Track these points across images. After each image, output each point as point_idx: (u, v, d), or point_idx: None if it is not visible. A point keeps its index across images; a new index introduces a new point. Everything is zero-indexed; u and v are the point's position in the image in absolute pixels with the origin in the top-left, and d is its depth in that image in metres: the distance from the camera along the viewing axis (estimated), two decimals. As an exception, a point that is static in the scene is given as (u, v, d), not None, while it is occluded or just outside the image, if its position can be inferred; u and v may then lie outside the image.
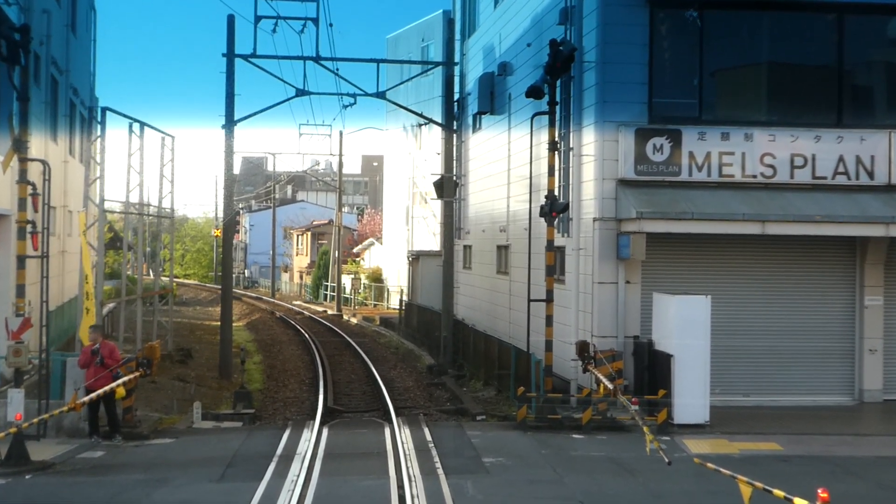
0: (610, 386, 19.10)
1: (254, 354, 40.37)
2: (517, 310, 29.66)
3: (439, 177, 34.11)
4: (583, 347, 20.60)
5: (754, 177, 22.49)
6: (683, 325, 20.21)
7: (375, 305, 65.80)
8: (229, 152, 32.53)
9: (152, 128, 32.69)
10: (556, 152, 21.76)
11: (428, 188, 57.48)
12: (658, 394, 19.90)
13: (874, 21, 23.43)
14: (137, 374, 19.85)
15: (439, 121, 35.46)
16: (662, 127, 22.34)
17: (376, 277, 68.54)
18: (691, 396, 20.11)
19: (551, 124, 21.48)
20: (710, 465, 12.22)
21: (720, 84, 23.41)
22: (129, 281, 73.42)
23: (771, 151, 22.49)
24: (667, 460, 13.19)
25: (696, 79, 22.94)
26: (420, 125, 39.63)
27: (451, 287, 33.84)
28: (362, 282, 68.81)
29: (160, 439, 19.81)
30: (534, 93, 21.17)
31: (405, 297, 50.37)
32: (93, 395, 18.08)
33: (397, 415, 22.54)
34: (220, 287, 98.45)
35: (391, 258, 65.19)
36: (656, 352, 20.97)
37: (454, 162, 35.01)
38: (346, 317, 59.56)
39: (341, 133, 65.27)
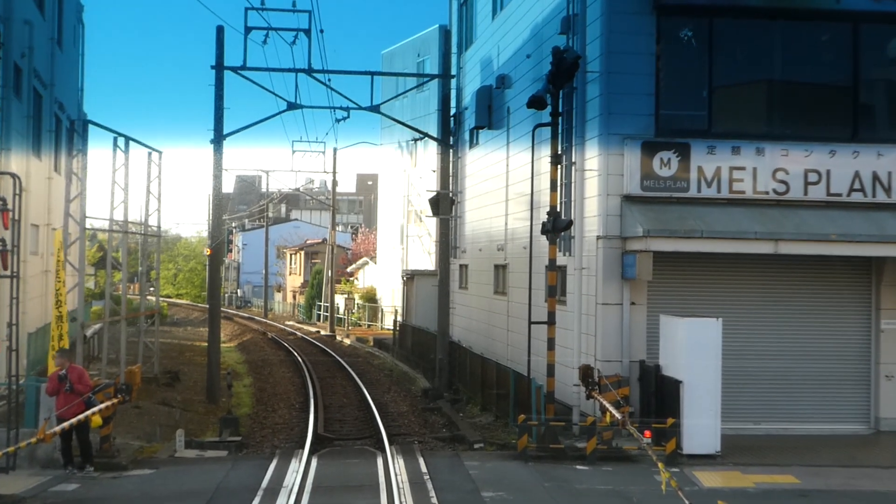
0: (617, 414, 18.00)
1: (244, 376, 39.26)
2: (515, 332, 28.56)
3: (435, 193, 33.04)
4: (586, 372, 19.51)
5: (766, 193, 21.43)
6: (693, 349, 19.10)
7: (369, 326, 64.66)
8: (218, 168, 31.44)
9: (138, 142, 31.61)
10: (559, 167, 20.67)
11: (423, 206, 56.56)
12: (667, 422, 18.77)
13: (891, 31, 22.36)
14: (115, 400, 18.75)
15: (435, 136, 34.35)
16: (670, 140, 21.29)
17: (370, 297, 67.42)
18: (702, 425, 18.99)
19: (554, 137, 20.41)
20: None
21: (730, 96, 22.35)
22: (116, 302, 72.23)
23: (784, 166, 21.44)
24: (687, 503, 12.06)
25: (705, 90, 21.91)
26: (415, 140, 38.56)
27: (446, 308, 32.74)
28: (356, 302, 67.63)
29: (139, 470, 18.63)
30: (535, 103, 20.12)
31: (399, 318, 49.24)
32: (64, 424, 16.92)
33: (391, 443, 21.41)
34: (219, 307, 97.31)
35: (385, 278, 64.10)
36: (664, 377, 19.86)
37: (450, 178, 33.96)
38: (339, 337, 58.40)
39: (335, 150, 64.28)
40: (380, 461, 18.97)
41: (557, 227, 19.61)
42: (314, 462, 19.04)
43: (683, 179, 21.24)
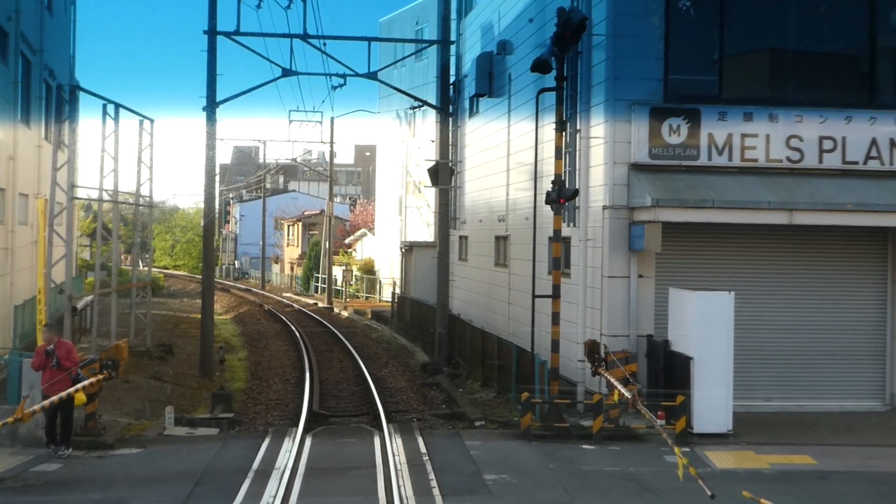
0: (626, 393, 17.16)
1: (239, 350, 38.52)
2: (517, 305, 27.77)
3: (434, 163, 32.15)
4: (593, 348, 18.68)
5: (779, 161, 20.56)
6: (704, 323, 18.28)
7: (367, 298, 63.87)
8: (211, 136, 30.53)
9: (128, 110, 30.74)
10: (563, 134, 19.77)
11: (422, 177, 55.61)
12: (676, 400, 17.97)
13: (911, -9, 21.46)
14: (101, 377, 17.95)
15: (434, 104, 33.42)
16: (679, 106, 20.40)
17: (368, 269, 66.60)
18: (713, 403, 18.21)
19: (559, 102, 19.49)
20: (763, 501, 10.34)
21: (742, 59, 21.39)
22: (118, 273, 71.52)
23: (798, 133, 20.55)
24: (709, 493, 11.25)
25: (715, 53, 20.98)
26: (414, 108, 37.56)
27: (446, 280, 31.91)
28: (354, 274, 66.80)
29: (126, 449, 17.86)
30: (540, 66, 19.19)
31: (398, 290, 48.43)
32: (45, 402, 16.09)
33: (388, 421, 20.62)
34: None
35: (384, 249, 63.27)
36: (673, 353, 19.06)
37: (450, 148, 33.04)
38: (336, 310, 57.62)
39: (332, 120, 63.34)
40: (377, 440, 18.21)
41: (563, 196, 18.72)
42: (308, 441, 18.27)
43: (693, 147, 20.36)
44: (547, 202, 19.31)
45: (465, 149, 35.92)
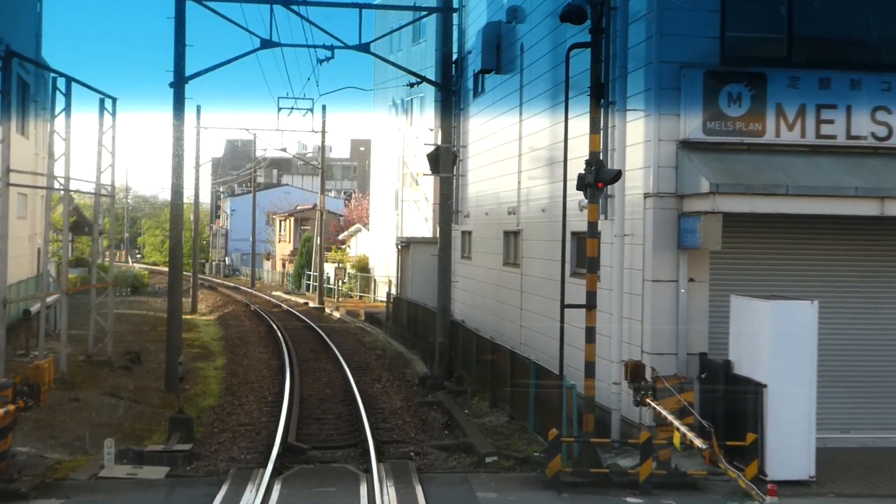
0: (682, 428, 13.40)
1: (217, 356, 34.59)
2: (531, 311, 23.90)
3: (434, 148, 28.19)
4: (637, 371, 14.80)
5: (863, 138, 16.63)
6: (781, 342, 14.41)
7: (361, 297, 59.89)
8: (179, 115, 26.53)
9: (84, 85, 26.79)
10: (601, 102, 15.81)
11: (420, 168, 51.71)
12: (745, 439, 14.08)
13: None
14: (12, 407, 14.12)
15: (434, 80, 29.45)
16: (740, 70, 16.49)
17: (363, 266, 62.56)
18: (792, 442, 14.35)
19: (595, 61, 15.53)
20: None
21: (818, 13, 17.36)
22: (102, 269, 67.54)
23: (886, 104, 16.64)
24: None
25: (784, 6, 17.05)
26: (412, 86, 33.52)
27: (448, 281, 27.94)
28: (347, 271, 62.76)
29: (43, 500, 13.97)
30: (572, 15, 15.19)
31: (394, 291, 44.41)
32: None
33: (380, 458, 16.69)
34: (199, 275, 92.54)
35: (378, 246, 59.28)
36: (737, 377, 15.15)
37: (452, 131, 29.06)
38: (328, 310, 53.69)
39: (324, 108, 59.46)
40: (363, 489, 14.35)
41: (602, 179, 14.77)
42: (277, 489, 14.38)
43: (758, 120, 16.44)
44: (579, 187, 15.34)
45: (469, 133, 32.03)
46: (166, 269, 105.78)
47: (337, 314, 51.10)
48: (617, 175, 14.97)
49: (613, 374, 17.27)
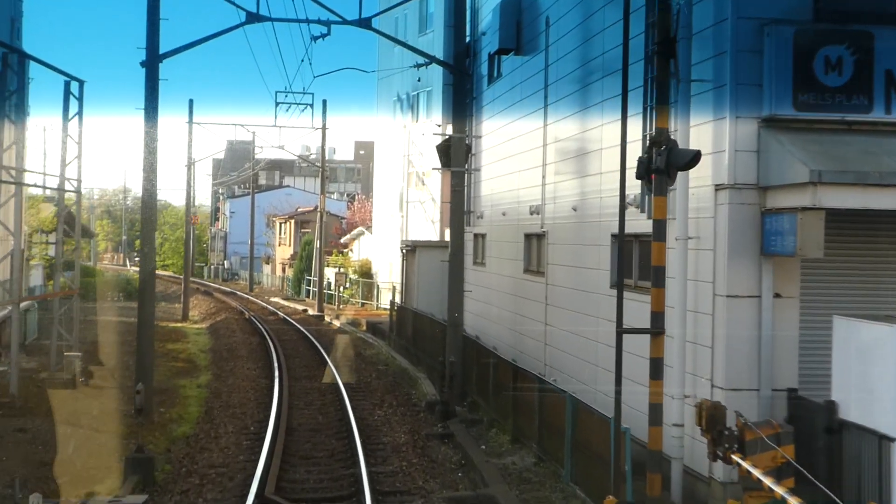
0: (777, 489, 9.87)
1: (202, 372, 31.05)
2: (558, 327, 20.40)
3: (445, 138, 24.59)
4: (715, 415, 11.28)
5: None
6: (913, 381, 10.84)
7: (363, 305, 56.26)
8: (151, 101, 22.97)
9: (42, 63, 23.35)
10: (671, 63, 12.25)
11: (426, 166, 48.13)
12: (865, 510, 10.54)
13: None
14: None
15: (441, 59, 25.89)
16: (840, 28, 12.96)
17: (365, 272, 58.88)
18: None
19: (664, 7, 12.00)
20: None
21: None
22: (90, 273, 63.93)
23: None
24: None
25: (895, -54, 13.54)
26: (417, 87, 29.96)
27: (460, 292, 24.32)
28: (349, 276, 59.06)
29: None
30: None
31: (398, 299, 40.77)
32: None
33: (378, 520, 13.15)
34: (197, 279, 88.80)
35: (382, 250, 55.65)
36: (847, 424, 11.59)
37: (465, 120, 25.47)
38: (327, 318, 50.11)
39: (325, 103, 55.84)
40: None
41: (676, 162, 11.21)
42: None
43: (863, 92, 12.89)
44: (640, 175, 11.81)
45: (483, 125, 28.54)
46: (165, 272, 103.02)
47: (337, 323, 47.53)
48: (695, 157, 11.40)
49: (674, 413, 13.70)
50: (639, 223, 15.63)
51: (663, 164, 11.24)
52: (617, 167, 16.27)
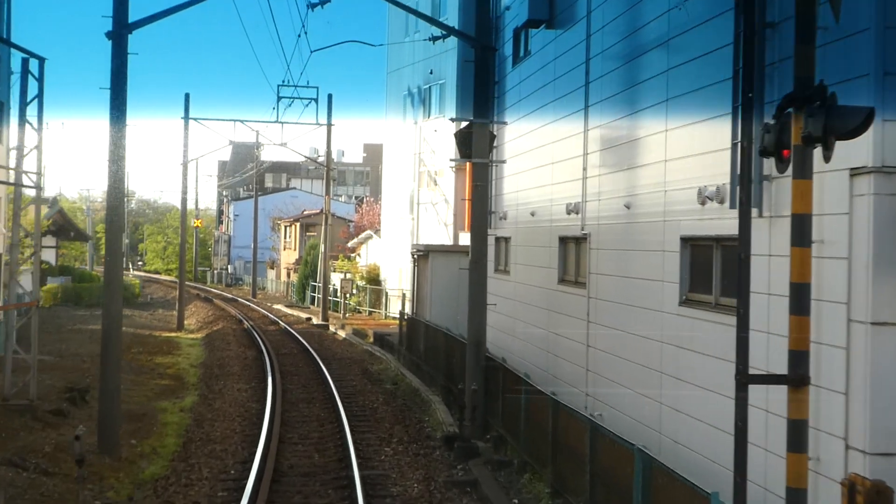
0: None
1: (188, 392, 27.54)
2: (604, 350, 16.74)
3: (466, 124, 20.92)
4: (878, 498, 7.59)
5: None
6: None
7: (371, 313, 52.62)
8: (119, 81, 19.38)
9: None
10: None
11: (438, 165, 44.59)
12: None
13: None
14: None
15: (460, 31, 22.26)
16: None
17: (373, 278, 55.17)
18: None
19: None
20: None
21: None
22: (87, 278, 60.22)
23: None
24: None
25: None
26: (429, 80, 26.49)
27: (483, 305, 20.61)
28: (356, 283, 55.37)
29: None
30: None
31: (408, 310, 37.06)
32: None
33: None
34: (199, 284, 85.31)
35: (391, 255, 52.00)
36: None
37: (489, 102, 21.84)
38: (332, 328, 46.54)
39: (330, 97, 52.23)
40: None
41: (837, 128, 7.55)
42: None
43: None
44: (764, 153, 8.12)
45: (506, 112, 24.94)
46: (166, 276, 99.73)
47: (342, 333, 43.92)
48: (869, 117, 7.74)
49: (777, 478, 10.02)
50: (722, 223, 12.05)
51: (819, 128, 7.61)
52: (687, 152, 12.75)
